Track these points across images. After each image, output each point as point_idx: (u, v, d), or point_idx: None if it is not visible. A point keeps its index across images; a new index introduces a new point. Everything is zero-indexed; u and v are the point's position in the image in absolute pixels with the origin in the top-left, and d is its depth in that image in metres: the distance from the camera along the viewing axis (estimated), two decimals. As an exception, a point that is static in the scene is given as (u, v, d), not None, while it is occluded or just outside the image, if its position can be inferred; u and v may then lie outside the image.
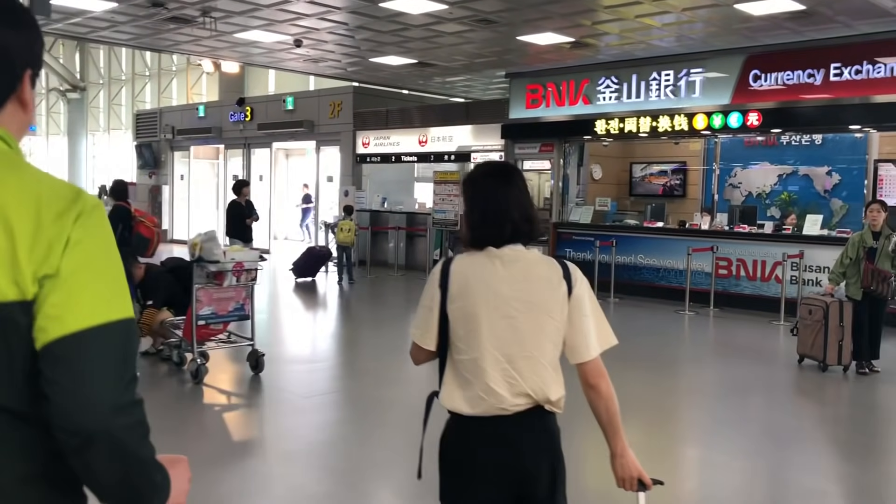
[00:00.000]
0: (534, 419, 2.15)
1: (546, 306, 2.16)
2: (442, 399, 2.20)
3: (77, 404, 1.12)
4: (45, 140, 35.16)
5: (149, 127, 22.94)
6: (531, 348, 2.14)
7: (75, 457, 1.15)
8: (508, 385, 2.12)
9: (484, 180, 2.27)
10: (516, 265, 2.17)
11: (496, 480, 2.14)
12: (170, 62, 28.81)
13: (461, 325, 2.16)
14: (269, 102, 19.41)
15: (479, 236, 2.20)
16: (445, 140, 15.48)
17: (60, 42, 33.25)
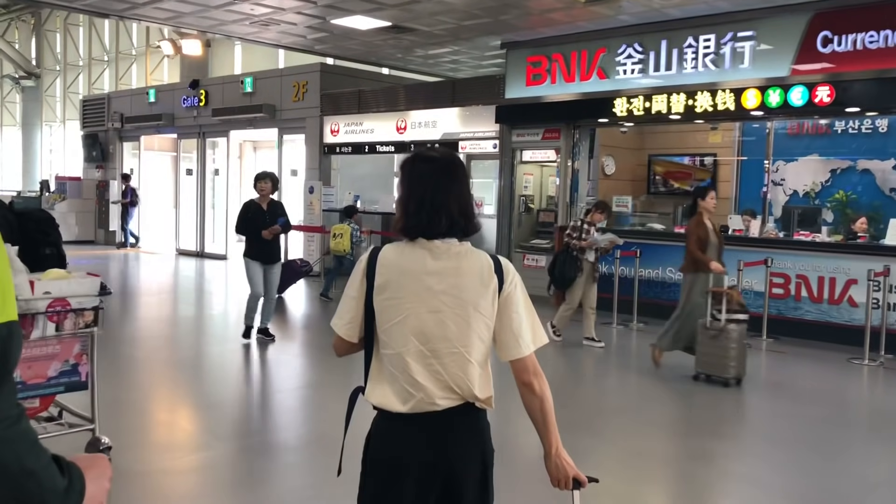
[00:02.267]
0: (463, 416, 2.09)
1: (475, 301, 2.08)
2: (368, 395, 2.12)
3: None
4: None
5: (97, 115, 20.21)
6: (458, 344, 2.07)
7: None
8: (434, 380, 2.06)
9: (425, 167, 2.14)
10: (447, 258, 2.08)
11: (424, 479, 2.07)
12: (129, 45, 26.13)
13: (386, 317, 2.08)
14: (227, 84, 16.72)
15: (413, 226, 2.09)
16: (428, 126, 12.82)
17: (16, 26, 30.55)
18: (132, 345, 8.18)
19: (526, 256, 11.65)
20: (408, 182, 2.14)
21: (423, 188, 2.09)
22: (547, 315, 10.05)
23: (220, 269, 15.46)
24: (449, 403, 2.07)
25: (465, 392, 2.08)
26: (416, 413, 2.06)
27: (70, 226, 19.81)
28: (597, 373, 7.85)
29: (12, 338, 1.13)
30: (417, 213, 2.08)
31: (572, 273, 8.36)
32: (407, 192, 2.13)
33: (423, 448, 2.07)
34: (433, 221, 2.07)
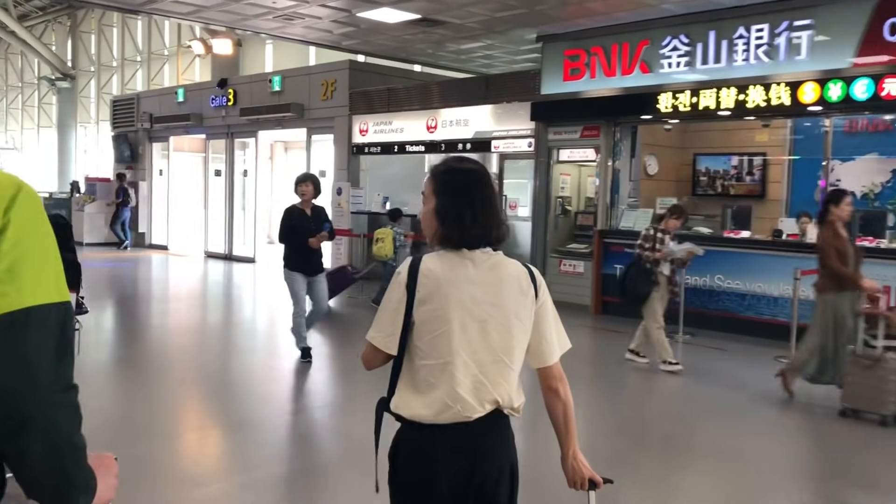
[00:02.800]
0: (494, 424, 2.10)
1: (516, 311, 2.11)
2: (396, 406, 2.10)
3: (15, 382, 1.11)
4: (36, 133, 32.53)
5: (127, 115, 20.00)
6: (501, 353, 2.09)
7: (8, 439, 1.13)
8: (476, 392, 2.06)
9: (460, 177, 2.15)
10: (488, 268, 2.10)
11: (457, 489, 2.06)
12: (161, 45, 25.99)
13: (430, 328, 2.06)
14: (255, 83, 16.32)
15: (454, 236, 2.10)
16: (460, 125, 12.26)
17: (52, 28, 30.69)
18: (155, 357, 7.75)
19: (563, 262, 11.02)
20: (443, 192, 2.13)
21: (461, 198, 2.10)
22: (573, 324, 9.46)
23: (248, 273, 15.06)
24: (482, 413, 2.07)
25: (506, 402, 2.10)
26: (448, 423, 2.05)
27: (99, 227, 19.66)
28: (695, 402, 6.84)
29: (70, 316, 1.20)
30: (458, 224, 2.08)
31: (646, 289, 7.34)
32: (444, 203, 2.11)
33: (457, 458, 2.06)
34: (473, 232, 2.09)
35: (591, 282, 10.59)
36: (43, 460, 1.14)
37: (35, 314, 1.14)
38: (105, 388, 6.43)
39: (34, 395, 1.12)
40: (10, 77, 34.06)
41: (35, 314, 1.14)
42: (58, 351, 1.16)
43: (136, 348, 8.16)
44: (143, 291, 12.67)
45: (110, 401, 6.03)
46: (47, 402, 1.13)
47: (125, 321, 10.00)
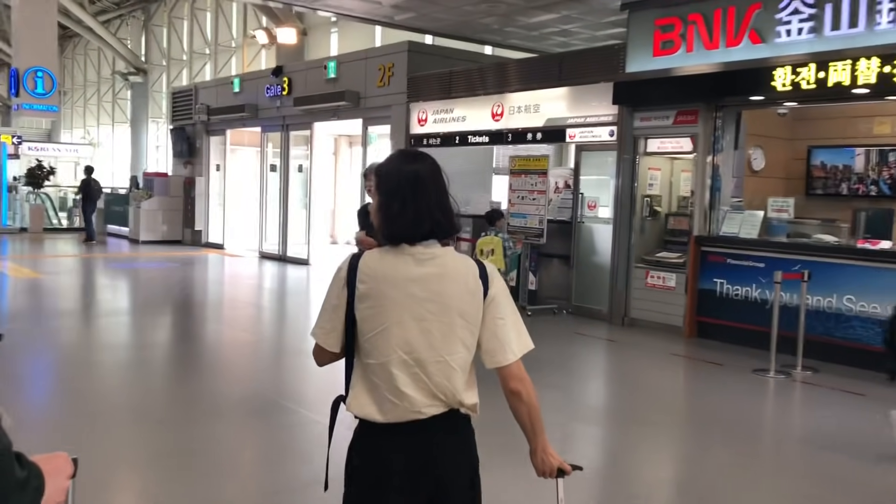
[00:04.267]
0: (449, 423, 2.07)
1: (460, 308, 2.05)
2: (350, 405, 2.08)
3: None
4: (112, 129, 32.48)
5: (185, 108, 19.14)
6: (443, 352, 2.04)
7: None
8: (420, 389, 2.02)
9: (403, 169, 2.09)
10: (431, 264, 2.05)
11: (410, 490, 2.03)
12: (228, 38, 25.23)
13: (369, 326, 2.04)
14: (310, 71, 15.05)
15: (396, 231, 2.05)
16: (529, 111, 10.58)
17: (127, 23, 30.50)
18: (194, 380, 6.43)
19: (650, 273, 9.21)
20: (387, 186, 2.09)
21: (404, 191, 2.05)
22: (659, 350, 7.62)
23: (301, 277, 13.78)
24: (434, 411, 2.04)
25: (450, 399, 2.05)
26: (399, 423, 2.02)
27: (156, 225, 18.86)
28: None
29: None
30: (400, 218, 2.05)
31: None
32: (387, 197, 2.08)
33: (408, 457, 2.03)
34: (415, 225, 2.04)
35: (684, 298, 8.76)
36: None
37: None
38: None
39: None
40: (89, 73, 34.20)
41: None
42: None
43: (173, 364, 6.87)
44: (196, 296, 11.51)
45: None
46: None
47: (176, 350, 8.78)
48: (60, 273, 13.51)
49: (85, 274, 13.76)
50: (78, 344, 7.95)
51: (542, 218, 9.79)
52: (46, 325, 8.55)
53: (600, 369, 7.92)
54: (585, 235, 10.12)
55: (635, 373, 7.36)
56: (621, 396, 6.65)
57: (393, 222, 2.05)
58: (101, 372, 6.81)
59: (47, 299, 10.57)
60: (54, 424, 5.23)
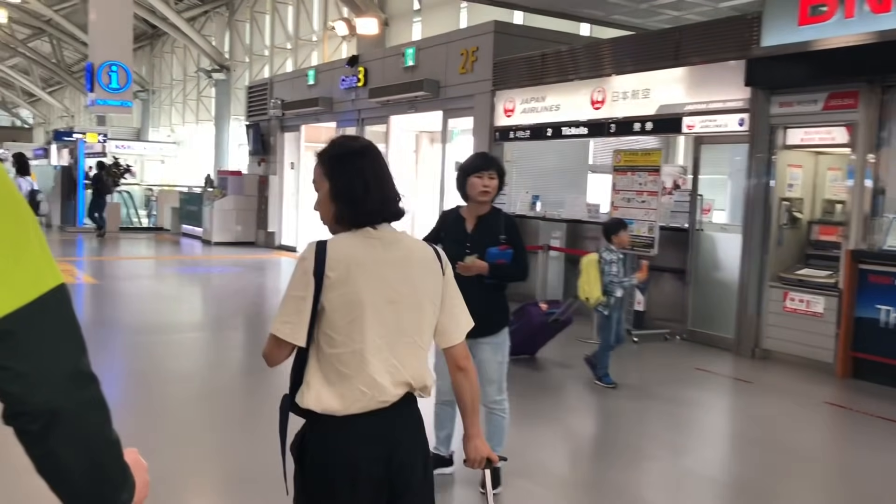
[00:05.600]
0: (406, 408, 2.07)
1: (426, 289, 2.08)
2: (306, 402, 1.99)
3: (33, 383, 1.05)
4: (196, 126, 32.29)
5: (260, 103, 18.23)
6: (413, 334, 2.06)
7: (38, 445, 1.08)
8: (390, 375, 2.01)
9: (350, 154, 2.08)
10: (398, 247, 2.06)
11: (374, 478, 2.00)
12: (309, 31, 24.35)
13: (342, 314, 1.98)
14: (387, 59, 13.75)
15: (353, 214, 2.03)
16: (637, 97, 8.91)
17: (211, 19, 30.18)
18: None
19: (788, 295, 7.42)
20: (334, 172, 2.06)
21: (353, 174, 2.04)
22: (802, 392, 5.73)
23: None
24: (397, 398, 2.03)
25: (418, 383, 2.06)
26: (361, 413, 1.99)
27: (230, 225, 18.00)
28: None
29: (69, 299, 1.13)
30: (353, 201, 2.03)
31: None
32: (336, 182, 2.05)
33: (373, 447, 2.00)
34: (369, 207, 2.03)
35: (836, 328, 6.96)
36: (78, 461, 1.10)
37: (33, 310, 1.06)
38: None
39: (56, 391, 1.06)
40: (175, 71, 34.19)
41: (33, 310, 1.06)
42: (66, 338, 1.11)
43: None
44: (260, 312, 10.37)
45: None
46: (71, 395, 1.08)
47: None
48: (122, 278, 12.66)
49: (147, 279, 12.88)
50: (133, 370, 6.76)
51: (652, 224, 8.11)
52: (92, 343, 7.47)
53: (732, 424, 6.17)
54: (706, 246, 8.39)
55: (782, 432, 5.64)
56: (767, 468, 4.97)
57: (359, 205, 2.02)
58: (170, 402, 5.60)
59: (99, 310, 9.58)
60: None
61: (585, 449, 5.25)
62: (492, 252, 3.79)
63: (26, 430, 1.07)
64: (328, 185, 2.06)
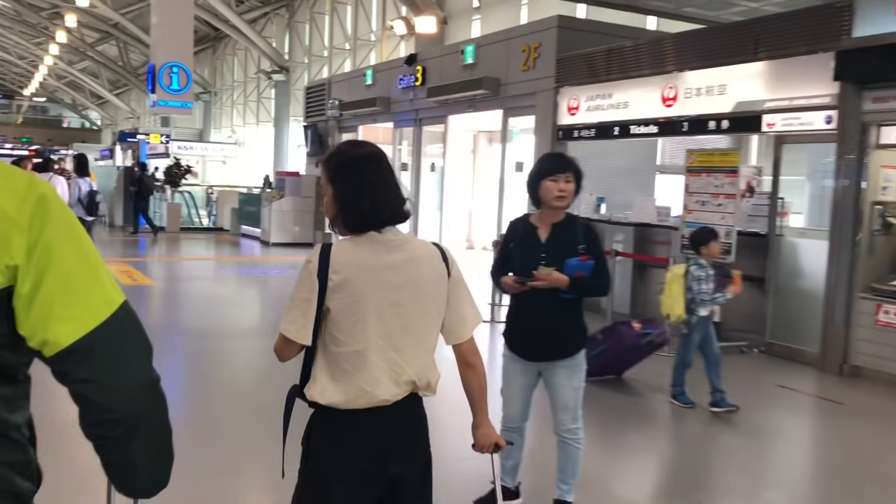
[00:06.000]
0: (409, 407, 2.11)
1: (431, 291, 2.12)
2: (312, 394, 2.08)
3: (117, 393, 1.18)
4: (256, 128, 32.56)
5: (318, 104, 18.13)
6: (418, 335, 2.10)
7: (119, 448, 1.21)
8: (393, 374, 2.06)
9: (354, 159, 2.12)
10: (401, 250, 2.09)
11: (372, 473, 2.06)
12: (368, 31, 24.21)
13: (345, 316, 2.05)
14: (446, 57, 13.43)
15: (358, 220, 2.08)
16: (712, 94, 8.37)
17: (272, 20, 30.36)
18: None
19: (882, 308, 6.80)
20: (339, 177, 2.10)
21: (358, 183, 2.07)
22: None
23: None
24: (399, 396, 2.07)
25: (422, 382, 2.10)
26: (365, 408, 2.04)
27: (288, 226, 17.93)
28: None
29: (132, 311, 1.26)
30: (358, 207, 2.06)
31: None
32: (341, 188, 2.09)
33: (371, 443, 2.05)
34: (375, 213, 2.06)
35: (937, 346, 6.33)
36: (148, 454, 1.24)
37: (110, 326, 1.18)
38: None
39: (137, 400, 1.20)
40: (237, 73, 34.54)
41: (110, 326, 1.18)
42: (138, 349, 1.24)
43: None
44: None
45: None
46: (149, 402, 1.22)
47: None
48: (180, 279, 12.63)
49: (204, 281, 12.82)
50: (190, 378, 6.57)
51: (730, 229, 7.57)
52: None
53: (824, 453, 5.61)
54: (786, 252, 7.81)
55: (880, 462, 5.08)
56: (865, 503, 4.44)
57: (360, 211, 2.06)
58: (223, 415, 5.36)
59: (154, 314, 9.48)
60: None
61: (665, 482, 4.79)
62: (571, 264, 3.38)
63: (109, 436, 1.19)
64: (331, 190, 2.10)
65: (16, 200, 1.12)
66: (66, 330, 1.15)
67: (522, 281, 3.41)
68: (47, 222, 1.14)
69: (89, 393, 1.17)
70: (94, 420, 1.18)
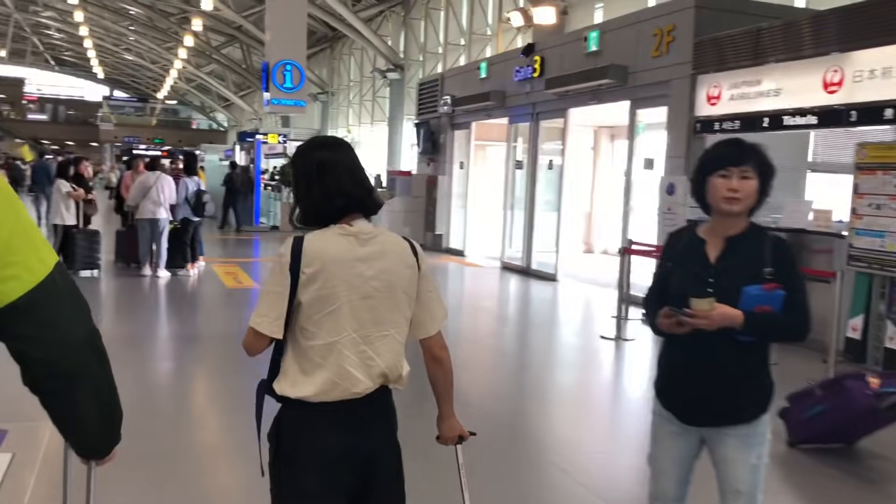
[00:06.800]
0: (380, 399, 2.13)
1: (402, 284, 2.13)
2: (282, 388, 2.07)
3: (59, 347, 1.27)
4: (370, 127, 32.45)
5: (430, 100, 17.49)
6: (389, 327, 2.11)
7: (65, 401, 1.31)
8: (365, 367, 2.07)
9: (307, 149, 2.17)
10: (373, 243, 2.10)
11: (345, 466, 2.07)
12: (483, 26, 23.42)
13: (317, 308, 2.05)
14: (567, 46, 12.42)
15: (314, 211, 2.11)
16: (889, 76, 7.01)
17: (388, 18, 30.14)
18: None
19: None
20: (296, 169, 2.14)
21: (311, 170, 2.10)
22: None
23: (545, 300, 11.23)
24: (370, 389, 2.07)
25: (393, 375, 2.11)
26: (334, 401, 2.04)
27: (397, 227, 17.39)
28: None
29: (65, 270, 1.36)
30: (312, 196, 2.09)
31: None
32: (298, 179, 2.12)
33: (343, 435, 2.05)
34: (329, 201, 2.07)
35: None
36: (93, 407, 1.32)
37: (47, 284, 1.26)
38: None
39: (77, 354, 1.28)
40: (353, 72, 34.60)
41: (47, 284, 1.26)
42: (74, 306, 1.32)
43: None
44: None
45: None
46: (88, 354, 1.30)
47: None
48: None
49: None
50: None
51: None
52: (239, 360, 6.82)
53: None
54: None
55: None
56: None
57: (308, 200, 2.10)
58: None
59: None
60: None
61: None
62: (750, 293, 2.37)
63: (54, 390, 1.30)
64: (294, 179, 2.14)
65: None
66: (8, 288, 1.23)
67: (676, 314, 2.43)
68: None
69: (30, 348, 1.26)
70: (37, 375, 1.27)
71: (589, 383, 6.91)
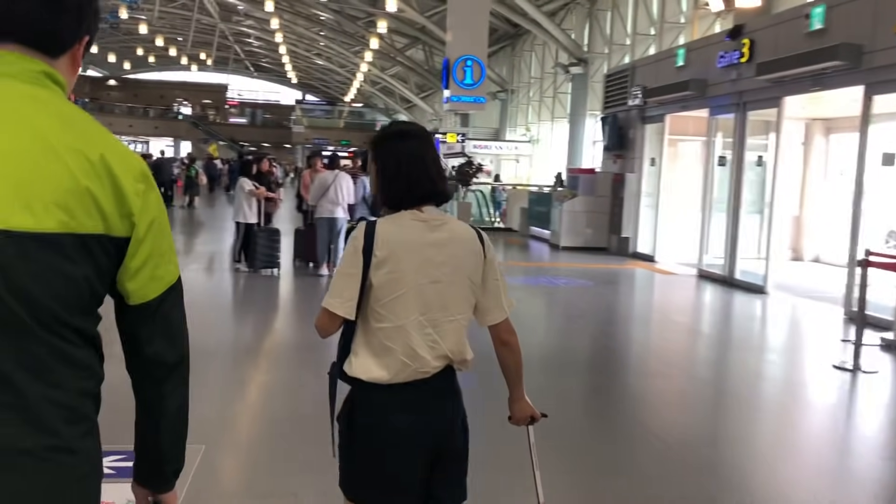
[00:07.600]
0: (446, 380, 2.19)
1: (469, 270, 2.18)
2: (353, 370, 2.15)
3: (172, 343, 1.40)
4: (550, 125, 31.49)
5: (619, 92, 16.30)
6: (456, 312, 2.16)
7: (157, 385, 1.41)
8: (431, 349, 2.13)
9: (403, 141, 2.21)
10: (442, 230, 2.16)
11: (416, 445, 2.12)
12: (677, 12, 21.77)
13: (386, 291, 2.10)
14: (782, 25, 10.87)
15: (398, 198, 2.16)
16: None
17: (572, 12, 29.08)
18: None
19: None
20: (382, 155, 2.18)
21: (399, 157, 2.16)
22: None
23: (754, 318, 9.83)
24: (437, 369, 2.14)
25: (457, 357, 2.18)
26: (405, 382, 2.11)
27: (580, 228, 16.38)
28: None
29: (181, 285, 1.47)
30: (399, 183, 2.15)
31: None
32: (384, 165, 2.17)
33: (412, 415, 2.11)
34: (412, 189, 2.14)
35: None
36: (176, 398, 1.42)
37: (174, 290, 1.40)
38: None
39: (183, 350, 1.42)
40: (534, 69, 33.81)
41: (174, 290, 1.40)
42: (183, 312, 1.44)
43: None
44: (604, 349, 8.55)
45: None
46: (187, 351, 1.43)
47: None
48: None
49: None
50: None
51: None
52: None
53: None
54: None
55: None
56: None
57: (395, 186, 2.15)
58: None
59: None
60: None
61: None
62: None
63: (151, 375, 1.40)
64: (376, 166, 2.19)
65: (132, 176, 1.30)
66: (155, 286, 1.36)
67: None
68: (155, 197, 1.34)
69: (152, 338, 1.37)
70: (147, 360, 1.38)
71: (832, 430, 5.60)
